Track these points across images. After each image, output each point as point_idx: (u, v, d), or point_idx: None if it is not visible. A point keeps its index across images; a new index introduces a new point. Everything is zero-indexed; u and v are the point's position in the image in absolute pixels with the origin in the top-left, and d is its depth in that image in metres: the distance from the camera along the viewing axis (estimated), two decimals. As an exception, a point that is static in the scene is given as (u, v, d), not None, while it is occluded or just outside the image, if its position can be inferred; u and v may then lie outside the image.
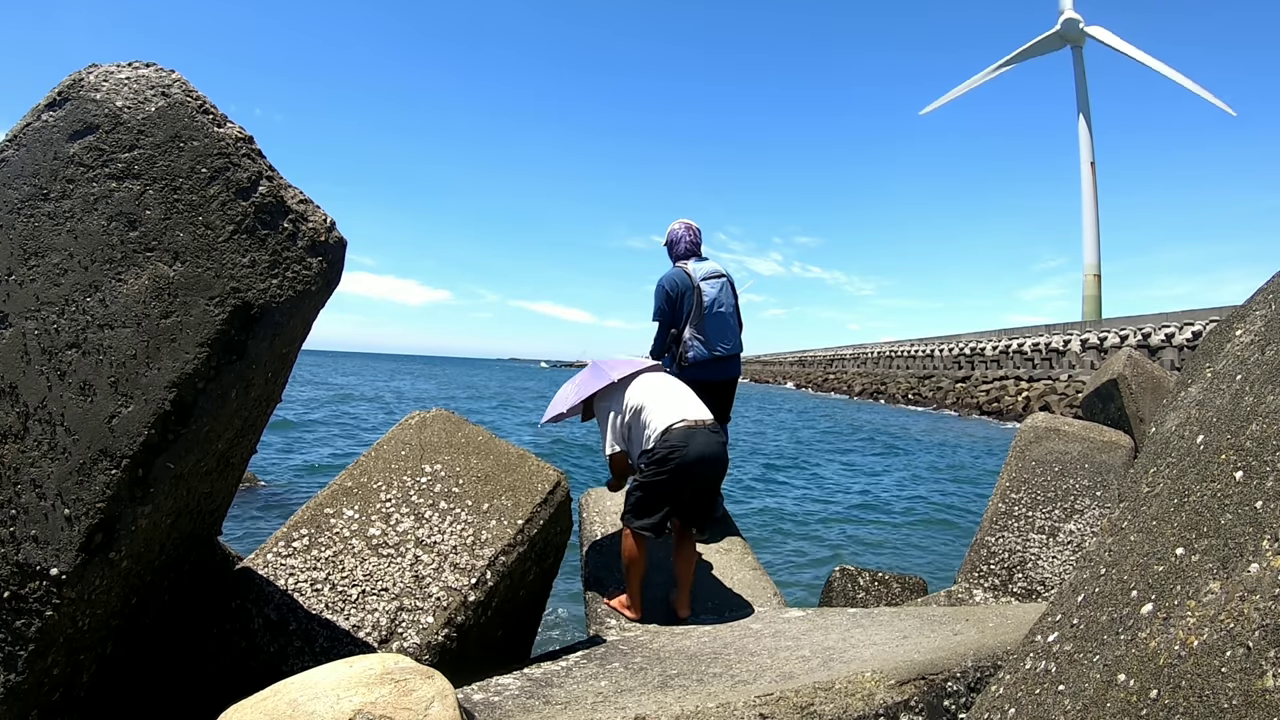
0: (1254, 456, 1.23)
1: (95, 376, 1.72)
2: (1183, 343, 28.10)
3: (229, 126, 1.89)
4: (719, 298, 3.95)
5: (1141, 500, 1.45)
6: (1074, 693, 1.23)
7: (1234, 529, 1.16)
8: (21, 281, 1.75)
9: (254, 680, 1.86)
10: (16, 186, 1.79)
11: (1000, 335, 41.98)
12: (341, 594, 2.50)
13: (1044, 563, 4.03)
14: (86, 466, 1.68)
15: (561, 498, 3.01)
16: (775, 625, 2.86)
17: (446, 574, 2.60)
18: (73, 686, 1.81)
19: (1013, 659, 1.49)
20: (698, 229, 4.13)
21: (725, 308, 3.99)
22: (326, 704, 1.41)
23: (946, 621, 2.61)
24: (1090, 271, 52.35)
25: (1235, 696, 0.98)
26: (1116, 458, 4.24)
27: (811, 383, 68.78)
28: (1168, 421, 1.61)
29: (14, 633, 1.63)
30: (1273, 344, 1.46)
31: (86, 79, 1.84)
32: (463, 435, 3.09)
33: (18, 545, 1.64)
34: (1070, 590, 1.45)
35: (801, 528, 9.67)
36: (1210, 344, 1.74)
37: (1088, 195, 52.79)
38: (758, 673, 2.20)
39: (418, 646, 2.41)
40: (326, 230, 1.98)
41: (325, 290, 2.04)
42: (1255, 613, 1.03)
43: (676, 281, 3.92)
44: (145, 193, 1.80)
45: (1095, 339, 33.38)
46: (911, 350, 53.12)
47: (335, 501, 2.77)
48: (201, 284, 1.80)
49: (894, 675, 1.89)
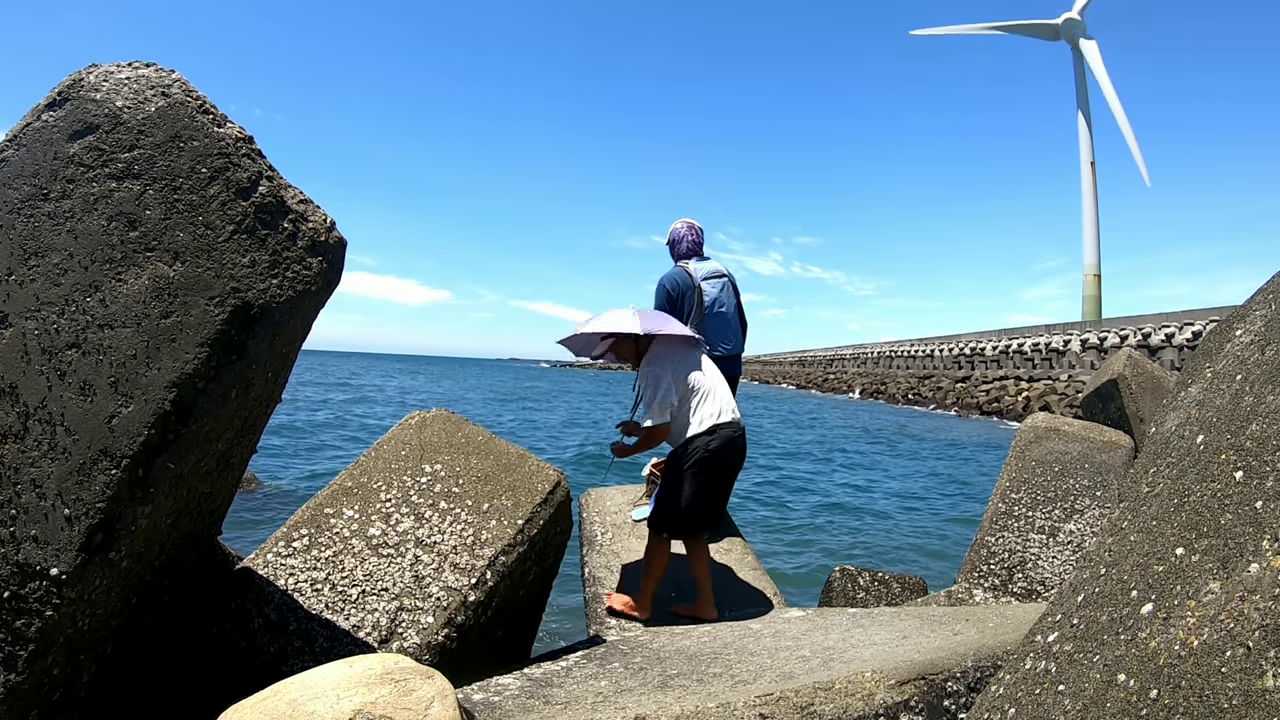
0: (1254, 456, 1.23)
1: (95, 376, 1.72)
2: (1183, 343, 28.10)
3: (229, 126, 1.89)
4: (720, 297, 3.95)
5: (1141, 500, 1.45)
6: (1074, 693, 1.23)
7: (1234, 529, 1.16)
8: (22, 281, 1.75)
9: (254, 680, 1.86)
10: (16, 186, 1.79)
11: (1000, 335, 41.98)
12: (341, 594, 2.50)
13: (1044, 563, 4.03)
14: (86, 466, 1.68)
15: (561, 498, 3.01)
16: (775, 625, 2.86)
17: (446, 574, 2.60)
18: (73, 686, 1.81)
19: (1013, 659, 1.49)
20: (700, 228, 4.12)
21: (726, 308, 3.99)
22: (326, 704, 1.41)
23: (946, 621, 2.61)
24: (1090, 271, 52.37)
25: (1235, 696, 0.98)
26: (1116, 458, 4.24)
27: (812, 383, 68.78)
28: (1168, 421, 1.61)
29: (14, 633, 1.63)
30: (1273, 344, 1.46)
31: (86, 79, 1.84)
32: (462, 435, 3.09)
33: (18, 545, 1.64)
34: (1070, 590, 1.45)
35: (802, 527, 9.67)
36: (1210, 344, 1.74)
37: (1088, 195, 52.81)
38: (758, 673, 2.20)
39: (418, 646, 2.41)
40: (326, 230, 1.98)
41: (325, 290, 2.04)
42: (1255, 613, 1.03)
43: (678, 281, 3.92)
44: (145, 193, 1.80)
45: (1095, 339, 33.38)
46: (912, 350, 53.13)
47: (335, 501, 2.77)
48: (201, 284, 1.80)
49: (894, 675, 1.89)
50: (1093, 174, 52.76)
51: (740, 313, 4.15)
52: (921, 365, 50.48)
